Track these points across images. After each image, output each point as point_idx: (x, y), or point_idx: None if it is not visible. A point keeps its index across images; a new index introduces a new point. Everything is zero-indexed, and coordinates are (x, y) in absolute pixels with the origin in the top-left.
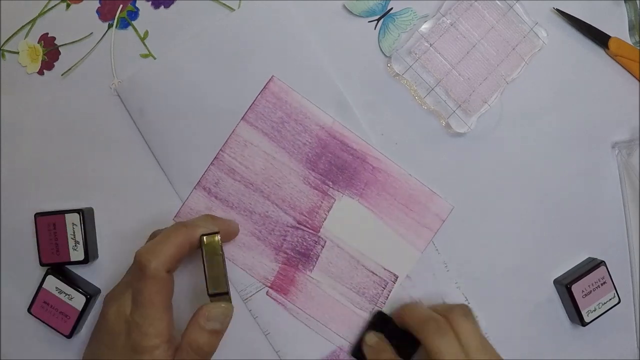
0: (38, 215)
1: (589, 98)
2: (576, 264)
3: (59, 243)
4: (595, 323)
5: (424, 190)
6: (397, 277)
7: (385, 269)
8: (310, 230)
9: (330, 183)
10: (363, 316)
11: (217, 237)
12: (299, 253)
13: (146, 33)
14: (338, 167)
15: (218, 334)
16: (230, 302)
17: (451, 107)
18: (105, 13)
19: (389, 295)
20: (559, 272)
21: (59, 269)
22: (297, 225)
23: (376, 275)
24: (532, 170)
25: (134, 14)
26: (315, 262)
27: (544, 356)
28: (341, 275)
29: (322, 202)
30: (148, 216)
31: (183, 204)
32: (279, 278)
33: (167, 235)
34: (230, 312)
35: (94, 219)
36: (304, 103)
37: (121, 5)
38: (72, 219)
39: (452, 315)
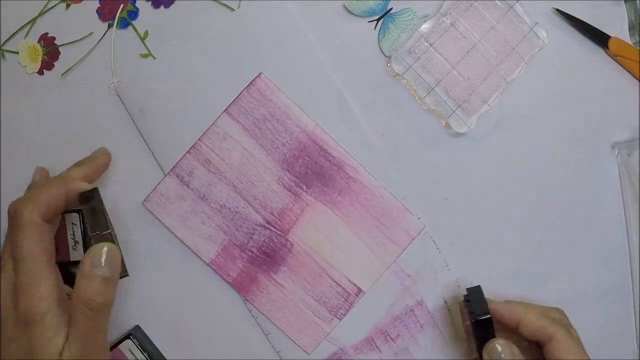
0: None
1: (589, 98)
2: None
3: (58, 243)
4: (596, 324)
5: (397, 206)
6: (359, 290)
7: (349, 281)
8: (279, 232)
9: (304, 187)
10: (322, 326)
11: (95, 190)
12: (264, 253)
13: (146, 33)
14: (314, 171)
15: (109, 280)
16: (115, 244)
17: (451, 107)
18: (105, 13)
19: (350, 307)
20: (559, 272)
21: (59, 268)
22: (266, 225)
23: (340, 286)
24: (532, 170)
25: (134, 13)
26: (280, 265)
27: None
28: (305, 281)
29: (293, 205)
30: (148, 216)
31: (154, 188)
32: (241, 276)
33: (39, 185)
34: (117, 254)
35: None
36: (288, 104)
37: (122, 5)
38: (72, 219)
39: (563, 318)
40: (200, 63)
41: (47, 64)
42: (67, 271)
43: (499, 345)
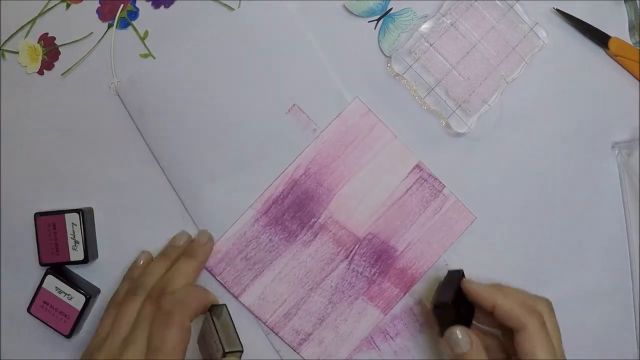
0: (38, 215)
1: (589, 98)
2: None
3: (58, 243)
4: (596, 324)
5: None
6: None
7: None
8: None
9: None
10: None
11: (225, 307)
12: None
13: (146, 33)
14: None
15: None
16: None
17: (451, 107)
18: (105, 13)
19: None
20: (559, 271)
21: (59, 268)
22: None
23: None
24: (532, 170)
25: (134, 13)
26: None
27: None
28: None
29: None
30: (148, 216)
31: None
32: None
33: (191, 290)
34: None
35: (93, 218)
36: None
37: (122, 5)
38: (72, 219)
39: (543, 310)
40: (200, 63)
41: (47, 64)
42: (67, 271)
43: (458, 332)
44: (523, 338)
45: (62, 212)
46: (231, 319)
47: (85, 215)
